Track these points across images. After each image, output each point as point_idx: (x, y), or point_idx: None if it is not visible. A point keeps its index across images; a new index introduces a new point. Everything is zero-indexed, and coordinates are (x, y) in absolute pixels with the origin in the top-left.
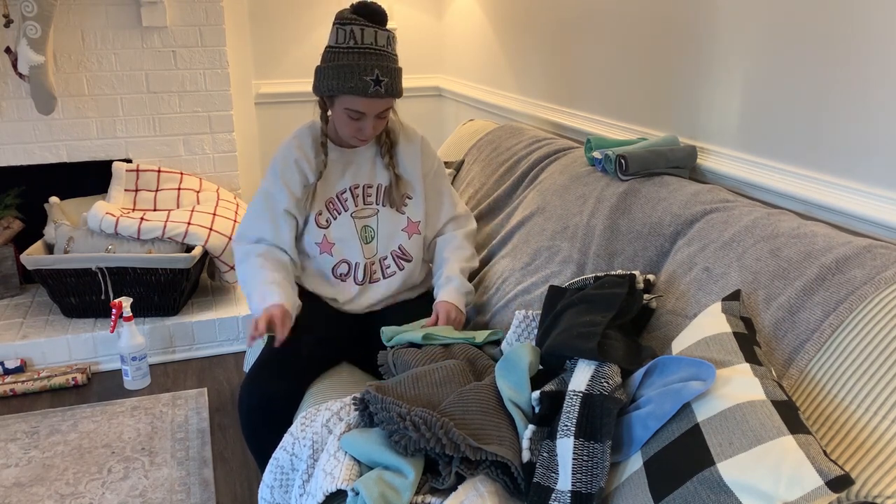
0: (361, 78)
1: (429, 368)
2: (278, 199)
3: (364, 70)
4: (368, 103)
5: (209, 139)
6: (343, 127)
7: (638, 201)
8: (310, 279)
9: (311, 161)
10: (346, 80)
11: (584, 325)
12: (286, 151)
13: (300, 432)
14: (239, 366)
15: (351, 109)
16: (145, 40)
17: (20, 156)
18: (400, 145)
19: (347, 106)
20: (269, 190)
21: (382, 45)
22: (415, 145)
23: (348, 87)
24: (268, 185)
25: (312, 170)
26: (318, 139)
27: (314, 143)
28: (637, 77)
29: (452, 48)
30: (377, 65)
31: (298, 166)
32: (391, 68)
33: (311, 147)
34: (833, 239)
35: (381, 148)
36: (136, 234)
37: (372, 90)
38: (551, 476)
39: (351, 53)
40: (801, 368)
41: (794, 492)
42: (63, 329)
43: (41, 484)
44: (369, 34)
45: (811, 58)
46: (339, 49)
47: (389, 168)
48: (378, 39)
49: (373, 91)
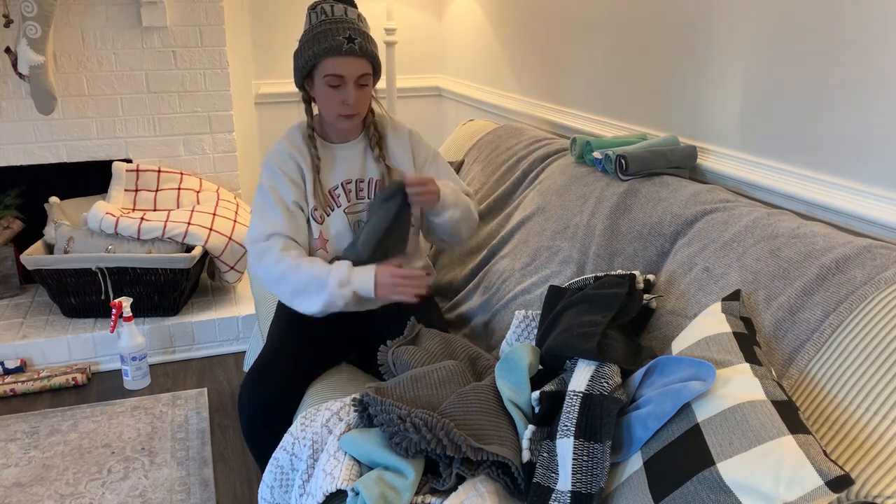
0: (334, 38)
1: (428, 369)
2: (283, 192)
3: (336, 32)
4: (345, 63)
5: (209, 139)
6: (327, 104)
7: (638, 201)
8: None
9: (305, 155)
10: (320, 43)
11: (584, 325)
12: (279, 149)
13: (300, 432)
14: (239, 366)
15: (330, 75)
16: (145, 40)
17: (20, 156)
18: (388, 137)
19: (326, 72)
20: (271, 185)
21: (353, 18)
22: (403, 137)
23: (322, 48)
24: (269, 181)
25: (307, 165)
26: (307, 134)
27: (304, 140)
28: (637, 77)
29: (452, 48)
30: (348, 27)
31: (293, 159)
32: (363, 31)
33: (302, 143)
34: (833, 239)
35: (370, 141)
36: (136, 234)
37: (346, 48)
38: (551, 476)
39: (322, 25)
40: (801, 368)
41: (794, 492)
42: (63, 329)
43: (41, 484)
44: (339, 9)
45: (811, 58)
46: (312, 27)
47: (380, 160)
48: (348, 14)
49: (347, 48)
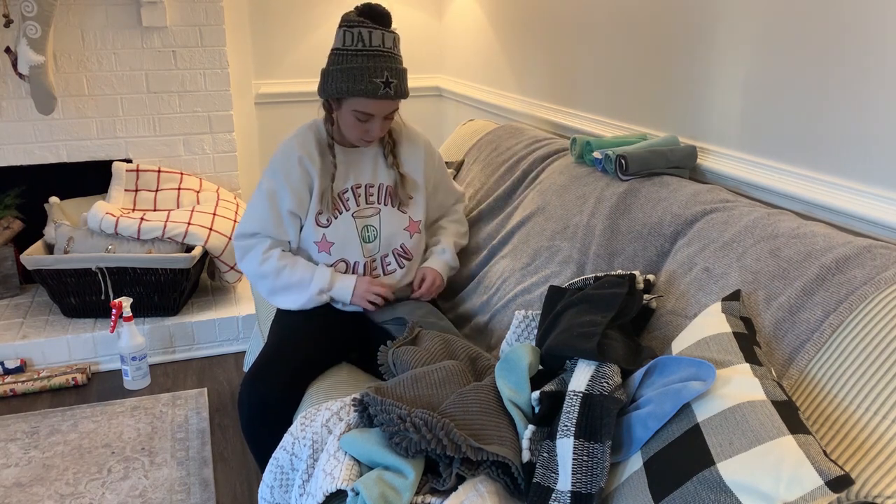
0: (371, 80)
1: (428, 369)
2: (282, 198)
3: (374, 72)
4: (378, 105)
5: (209, 139)
6: (350, 129)
7: (638, 201)
8: None
9: (316, 160)
10: (356, 82)
11: (584, 325)
12: (288, 149)
13: (300, 432)
14: (239, 366)
15: (360, 112)
16: (145, 40)
17: (20, 156)
18: (403, 145)
19: (357, 108)
20: (271, 189)
21: (389, 46)
22: (419, 147)
23: (358, 89)
24: (270, 184)
25: (317, 169)
26: (322, 140)
27: (318, 144)
28: (637, 77)
29: (452, 48)
30: (386, 67)
31: (302, 164)
32: (399, 70)
33: (314, 146)
34: (833, 239)
35: (384, 148)
36: (136, 234)
37: (382, 92)
38: (551, 476)
39: (359, 56)
40: (801, 368)
41: (794, 492)
42: (63, 329)
43: (41, 484)
44: (377, 36)
45: (811, 58)
46: (347, 52)
47: (393, 167)
48: (385, 41)
49: (383, 93)
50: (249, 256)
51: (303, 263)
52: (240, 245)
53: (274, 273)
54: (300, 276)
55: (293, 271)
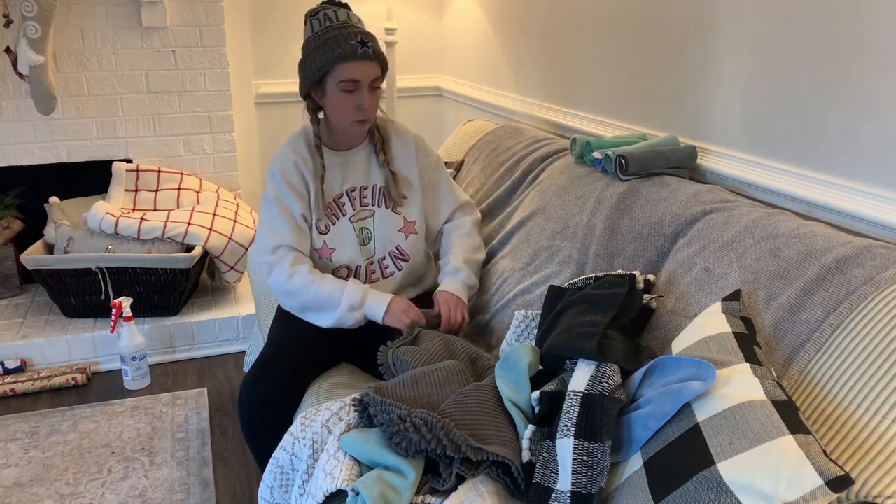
0: (347, 42)
1: (428, 369)
2: (289, 202)
3: (347, 37)
4: (360, 67)
5: (209, 139)
6: (341, 110)
7: (638, 201)
8: None
9: (309, 164)
10: (333, 49)
11: (584, 325)
12: (283, 156)
13: (300, 432)
14: (239, 366)
15: (345, 80)
16: (145, 40)
17: (20, 156)
18: (392, 141)
19: (341, 79)
20: (277, 196)
21: (356, 21)
22: (408, 142)
23: (337, 54)
24: (273, 192)
25: (311, 173)
26: (311, 143)
27: (309, 148)
28: (637, 77)
29: (452, 48)
30: (358, 32)
31: (298, 168)
32: (370, 35)
33: (306, 150)
34: (833, 239)
35: (374, 146)
36: (136, 234)
37: (361, 51)
38: (551, 476)
39: (330, 31)
40: (801, 368)
41: (794, 492)
42: (63, 329)
43: (41, 484)
44: (342, 14)
45: (811, 58)
46: (317, 35)
47: (385, 166)
48: (351, 18)
49: (361, 52)
50: (276, 272)
51: (331, 279)
52: (265, 262)
53: (303, 288)
54: (331, 291)
55: (323, 285)
